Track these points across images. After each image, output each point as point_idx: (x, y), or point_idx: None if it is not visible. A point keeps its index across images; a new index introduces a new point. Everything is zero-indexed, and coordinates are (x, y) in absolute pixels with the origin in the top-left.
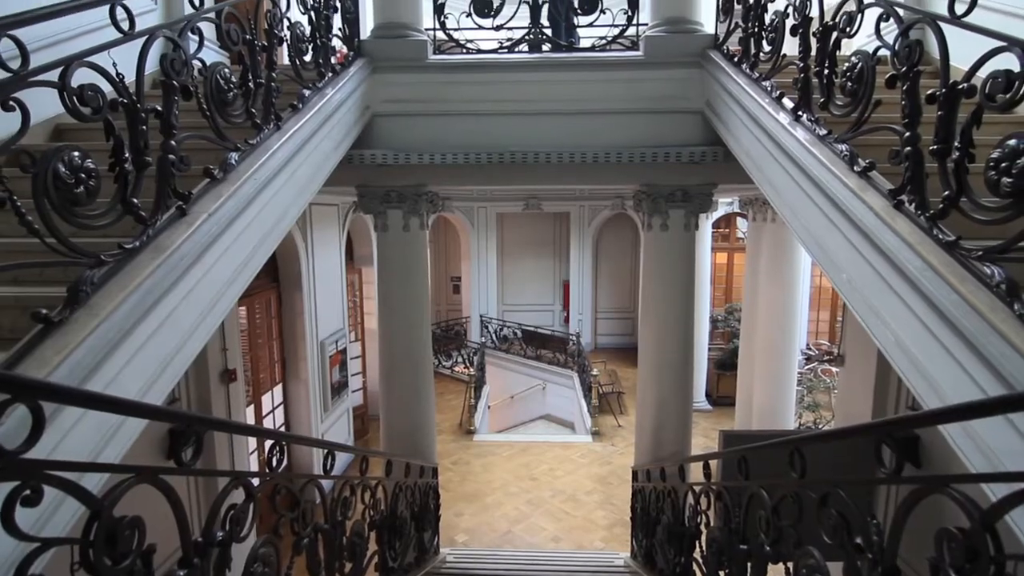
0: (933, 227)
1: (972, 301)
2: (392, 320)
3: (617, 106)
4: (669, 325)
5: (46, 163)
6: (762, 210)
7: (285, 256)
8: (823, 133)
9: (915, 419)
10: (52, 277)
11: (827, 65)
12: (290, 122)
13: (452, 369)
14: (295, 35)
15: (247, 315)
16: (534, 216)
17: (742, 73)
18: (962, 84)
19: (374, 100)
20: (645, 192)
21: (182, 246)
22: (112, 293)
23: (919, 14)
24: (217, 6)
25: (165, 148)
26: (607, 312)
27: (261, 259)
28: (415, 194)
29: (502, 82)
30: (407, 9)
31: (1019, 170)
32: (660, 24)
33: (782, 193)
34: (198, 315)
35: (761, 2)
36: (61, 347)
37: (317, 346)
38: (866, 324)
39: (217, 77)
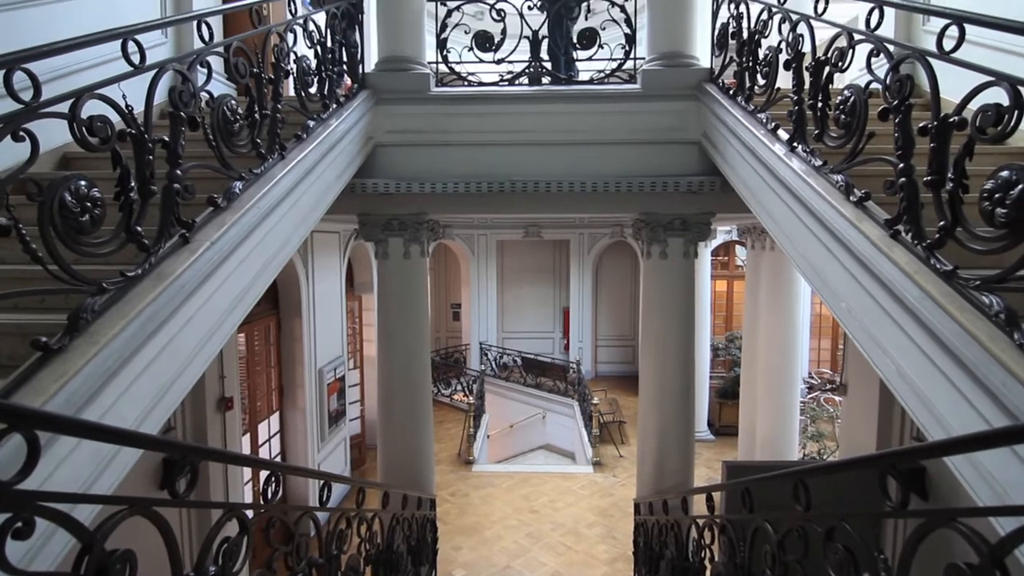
0: (930, 257)
1: (972, 330)
2: (391, 348)
3: (616, 137)
4: (670, 353)
5: (53, 192)
6: (760, 238)
7: (286, 283)
8: (818, 164)
9: (919, 451)
10: (53, 304)
11: (820, 98)
12: (294, 152)
13: (451, 397)
14: (301, 68)
15: (246, 342)
16: (534, 243)
17: (737, 106)
18: (953, 117)
19: (377, 130)
20: (644, 221)
21: (183, 274)
22: (112, 321)
23: (908, 50)
24: (226, 41)
25: (171, 177)
26: (607, 340)
27: (262, 287)
28: (416, 222)
29: (503, 113)
30: (410, 43)
31: (1013, 201)
32: (657, 58)
33: (779, 222)
34: (197, 343)
35: (755, 38)
36: (59, 375)
37: (315, 373)
38: (867, 353)
39: (224, 108)
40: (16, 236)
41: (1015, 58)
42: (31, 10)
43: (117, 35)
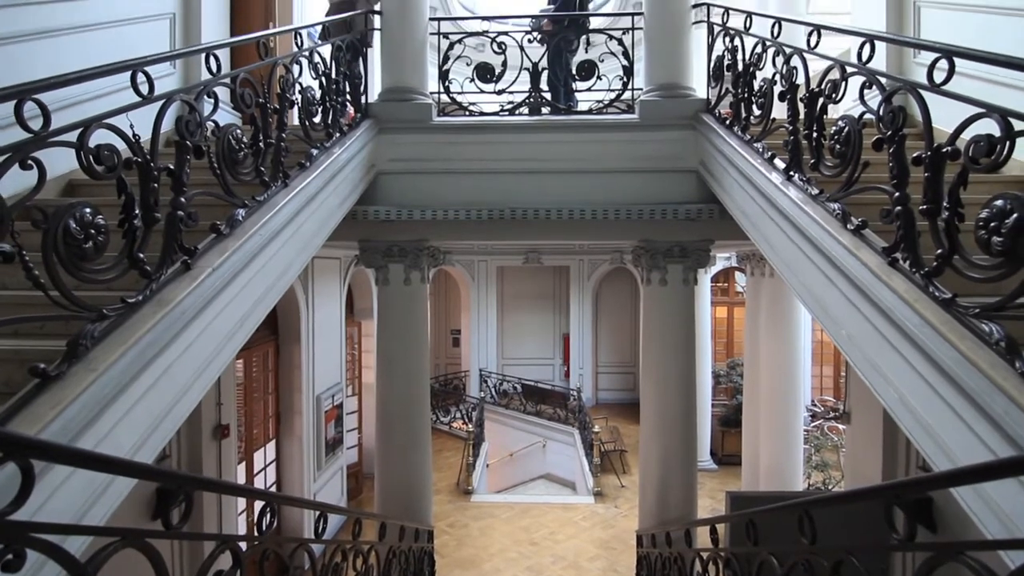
0: (929, 284)
1: (973, 358)
2: (391, 375)
3: (614, 165)
4: (671, 380)
5: (58, 220)
6: (759, 265)
7: (286, 308)
8: (815, 192)
9: (924, 482)
10: (53, 330)
11: (815, 129)
12: (297, 179)
13: (450, 425)
14: (306, 99)
15: (244, 368)
16: (534, 270)
17: (734, 135)
18: (946, 147)
19: (380, 159)
20: (643, 247)
21: (184, 300)
22: (111, 347)
23: (900, 82)
24: (233, 72)
25: (174, 205)
26: (608, 366)
27: (262, 313)
28: (417, 248)
29: (503, 142)
30: (413, 75)
31: (1008, 229)
32: (654, 89)
33: (778, 250)
34: (196, 370)
35: (750, 70)
36: (56, 402)
37: (313, 400)
38: (869, 381)
39: (229, 138)
40: (20, 262)
41: (1005, 89)
42: (44, 41)
43: (127, 66)
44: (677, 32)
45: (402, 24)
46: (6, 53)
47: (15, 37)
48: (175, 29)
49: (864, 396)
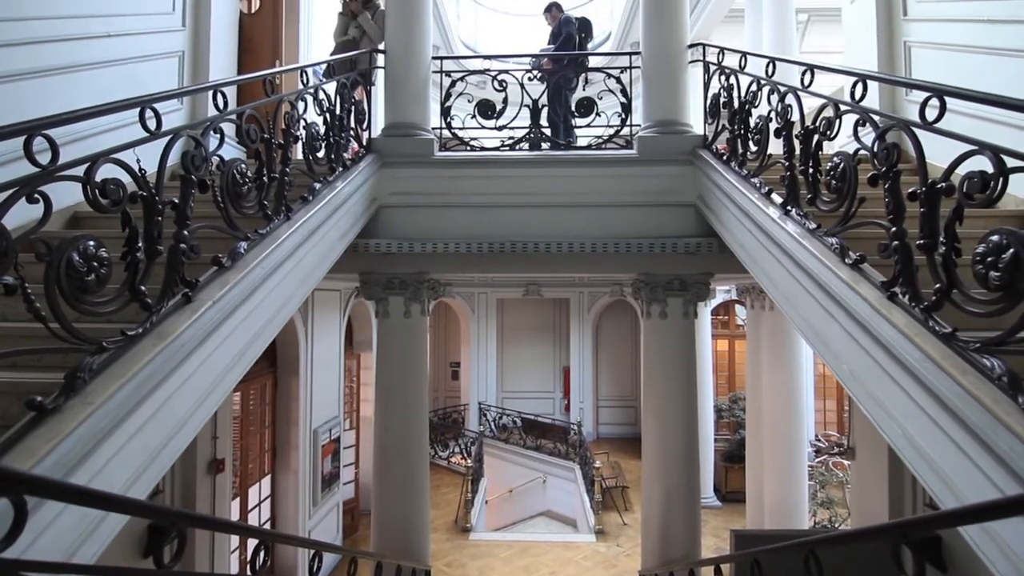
0: (928, 319)
1: (975, 394)
2: (389, 408)
3: (613, 199)
4: (673, 414)
5: (61, 253)
6: (760, 298)
7: (285, 340)
8: (812, 227)
9: (930, 521)
10: (51, 362)
11: (811, 164)
12: (300, 213)
13: (448, 460)
14: (310, 134)
15: (241, 401)
16: (534, 302)
17: (731, 171)
18: (940, 183)
19: (382, 192)
20: (643, 281)
21: (184, 333)
22: (109, 380)
23: (893, 120)
24: (239, 109)
25: (177, 238)
26: (608, 400)
27: (262, 345)
28: (417, 281)
29: (504, 177)
30: (416, 111)
31: (1006, 264)
32: (652, 126)
33: (777, 284)
34: (193, 403)
35: (745, 107)
36: (51, 436)
37: (310, 434)
38: (871, 416)
39: (234, 172)
40: (22, 294)
41: (996, 126)
42: (56, 77)
43: (136, 103)
44: (674, 71)
45: (406, 62)
46: (19, 88)
47: (30, 73)
48: (184, 66)
49: (868, 431)
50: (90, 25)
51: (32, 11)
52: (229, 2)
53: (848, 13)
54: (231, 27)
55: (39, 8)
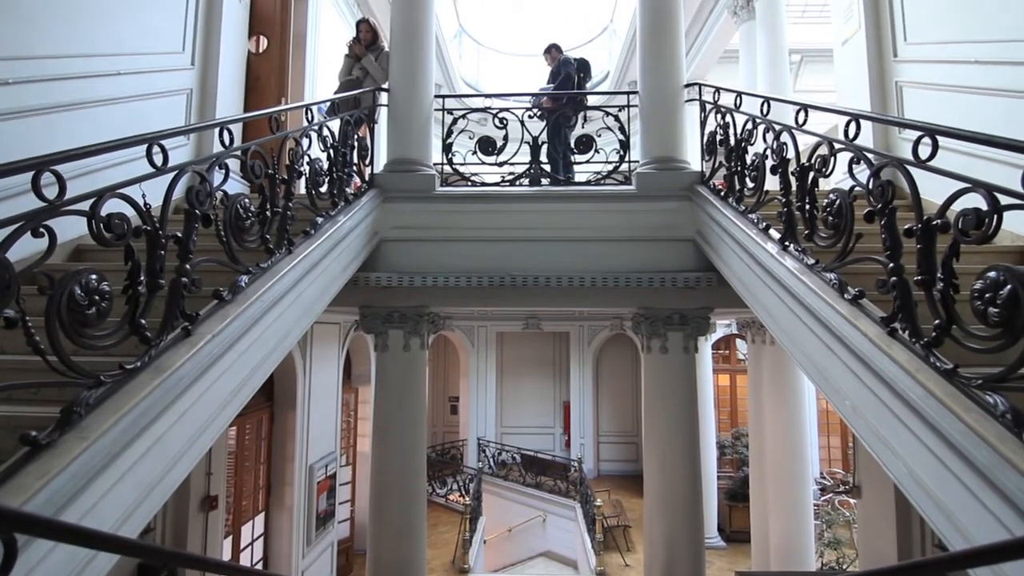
0: (929, 355)
1: (980, 431)
2: (386, 444)
3: (613, 234)
4: (675, 451)
5: (63, 287)
6: (760, 332)
7: (282, 374)
8: (811, 262)
9: (940, 563)
10: (48, 396)
11: (808, 201)
12: (301, 247)
13: (446, 498)
14: (313, 169)
15: (237, 436)
16: (534, 336)
17: (729, 206)
18: (936, 220)
19: (383, 227)
20: (643, 315)
21: (182, 367)
22: (105, 415)
23: (887, 158)
24: (244, 145)
25: (179, 272)
26: (609, 435)
27: (260, 379)
28: (417, 315)
29: (504, 211)
30: (418, 147)
31: (1004, 300)
32: (650, 162)
33: (777, 319)
34: (189, 439)
35: (742, 145)
36: (44, 472)
37: (305, 471)
38: (875, 454)
39: (237, 207)
40: (22, 327)
41: (988, 163)
42: (67, 113)
43: (144, 140)
44: (670, 109)
45: (409, 101)
46: (30, 124)
47: (41, 109)
48: (191, 103)
49: (874, 469)
50: (101, 63)
51: (45, 50)
52: (238, 42)
53: (840, 54)
54: (239, 66)
55: (53, 47)
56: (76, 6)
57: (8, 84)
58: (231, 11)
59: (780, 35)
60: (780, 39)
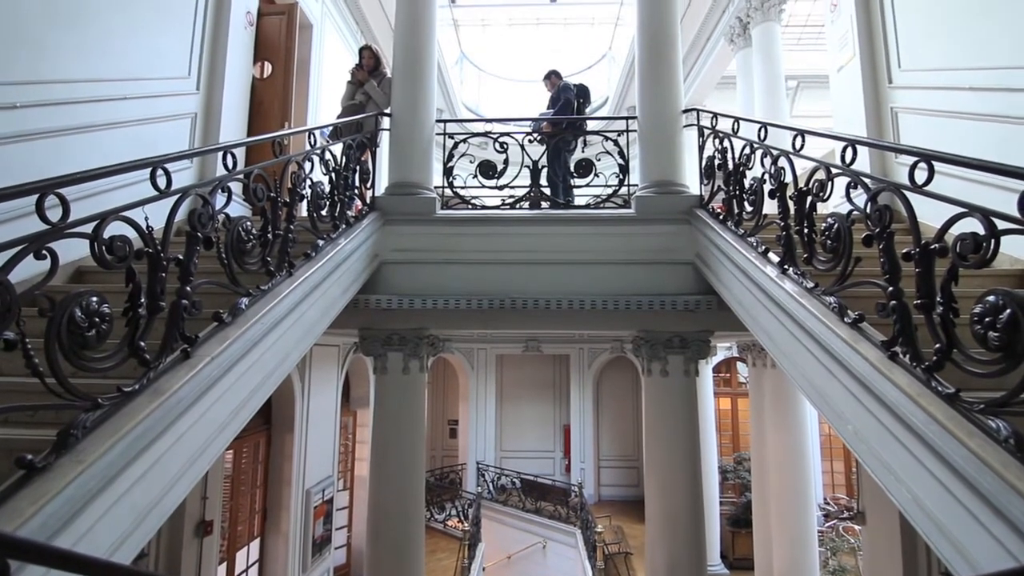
0: (931, 379)
1: (984, 457)
2: (385, 468)
3: (612, 257)
4: (676, 476)
5: (63, 309)
6: (761, 355)
7: (280, 397)
8: (810, 286)
9: None
10: (44, 419)
11: (806, 225)
12: (302, 269)
13: (444, 524)
14: (315, 193)
15: (234, 459)
16: (534, 358)
17: (728, 230)
18: (934, 244)
19: (384, 249)
20: (643, 338)
21: (181, 389)
22: (102, 438)
23: (884, 183)
24: (247, 169)
25: (180, 294)
26: (610, 460)
27: (258, 402)
28: (416, 337)
29: (504, 234)
30: (419, 171)
31: (1003, 324)
32: (649, 186)
33: (777, 341)
34: (186, 462)
35: (740, 169)
36: (38, 496)
37: (302, 495)
38: (879, 479)
39: (239, 229)
40: (21, 350)
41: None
42: (73, 136)
43: (148, 163)
44: (669, 134)
45: (410, 125)
46: (36, 147)
47: (47, 132)
48: (196, 127)
49: (879, 495)
50: (108, 88)
51: (53, 75)
52: (243, 68)
53: (835, 81)
54: (243, 91)
55: (61, 72)
56: (85, 32)
57: (16, 108)
58: (237, 38)
59: (776, 62)
60: (776, 66)
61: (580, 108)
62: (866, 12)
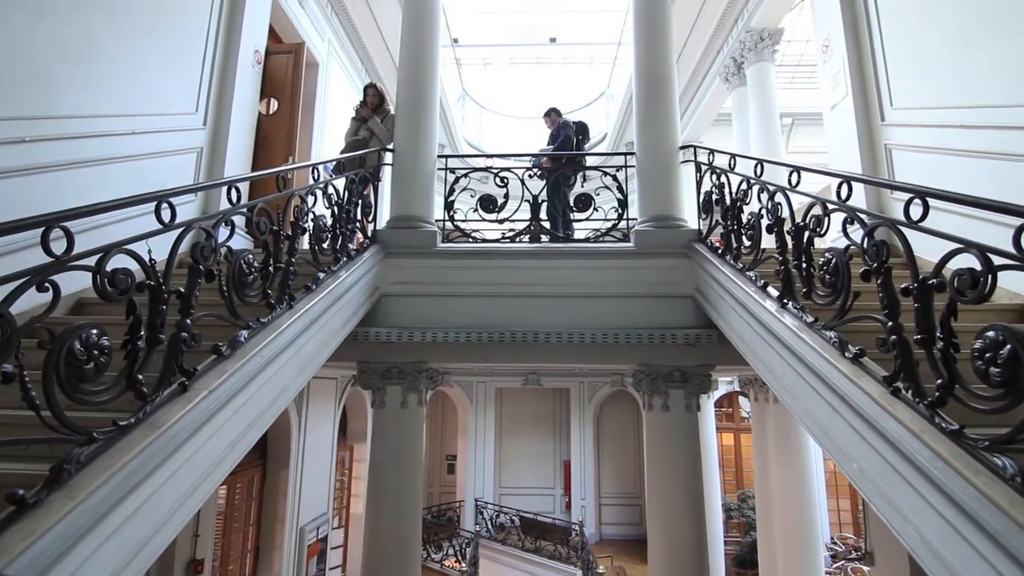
0: (934, 415)
1: (990, 495)
2: (381, 506)
3: (612, 290)
4: (679, 515)
5: (63, 342)
6: (763, 390)
7: (277, 431)
8: (810, 320)
9: None
10: (38, 452)
11: (804, 259)
12: (302, 302)
13: (442, 564)
14: (317, 226)
15: (227, 495)
16: (534, 392)
17: (727, 264)
18: (932, 279)
19: (384, 282)
20: (644, 372)
21: (177, 424)
22: (95, 473)
23: (880, 219)
24: (251, 203)
25: (180, 326)
26: (611, 497)
27: (254, 437)
28: (416, 370)
29: (505, 267)
30: (420, 204)
31: (1005, 360)
32: (648, 220)
33: (779, 377)
34: (179, 498)
35: (737, 204)
36: (28, 533)
37: (296, 533)
38: (886, 518)
39: (241, 262)
40: (18, 382)
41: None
42: (83, 169)
43: (153, 197)
44: (667, 169)
45: (413, 161)
46: (44, 180)
47: (57, 166)
48: (201, 161)
49: (887, 534)
50: (116, 123)
51: (63, 110)
52: (250, 104)
53: (829, 119)
54: (249, 126)
55: (72, 107)
56: (94, 69)
57: (25, 142)
58: (245, 75)
59: (771, 100)
60: (771, 104)
61: (579, 144)
62: (857, 52)
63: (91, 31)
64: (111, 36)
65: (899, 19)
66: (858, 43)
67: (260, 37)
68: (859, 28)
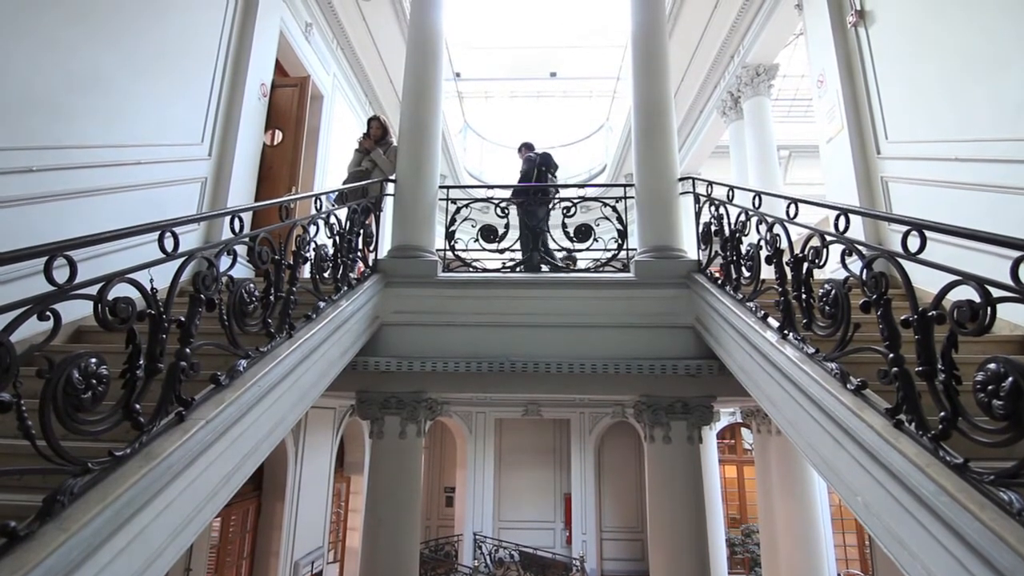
0: (938, 448)
1: (998, 531)
2: (378, 540)
3: (612, 320)
4: (682, 549)
5: (61, 371)
6: (765, 422)
7: (273, 462)
8: (811, 351)
9: None
10: (32, 482)
11: (803, 291)
12: (302, 331)
13: None
14: (319, 255)
15: (221, 528)
16: (534, 423)
17: (727, 295)
18: (932, 311)
19: (384, 311)
20: (645, 403)
21: (172, 454)
22: (89, 504)
23: (878, 251)
24: (253, 232)
25: (179, 355)
26: (613, 531)
27: (250, 468)
28: (415, 400)
29: (505, 297)
30: (422, 234)
31: (1007, 393)
32: (647, 250)
33: (780, 408)
34: (172, 532)
35: (736, 235)
36: (17, 567)
37: (291, 567)
38: (893, 555)
39: (242, 292)
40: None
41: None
42: (89, 198)
43: (157, 227)
44: (666, 201)
45: (414, 190)
46: (49, 209)
47: (63, 195)
48: (205, 190)
49: (894, 571)
50: (122, 153)
51: (71, 140)
52: (255, 136)
53: (825, 151)
54: (254, 157)
55: (78, 137)
56: (101, 99)
57: (31, 171)
58: (251, 107)
59: (768, 133)
60: (768, 137)
61: (543, 175)
62: (851, 87)
63: (99, 63)
64: (119, 68)
65: (892, 54)
66: (852, 78)
67: (267, 70)
68: (853, 63)
